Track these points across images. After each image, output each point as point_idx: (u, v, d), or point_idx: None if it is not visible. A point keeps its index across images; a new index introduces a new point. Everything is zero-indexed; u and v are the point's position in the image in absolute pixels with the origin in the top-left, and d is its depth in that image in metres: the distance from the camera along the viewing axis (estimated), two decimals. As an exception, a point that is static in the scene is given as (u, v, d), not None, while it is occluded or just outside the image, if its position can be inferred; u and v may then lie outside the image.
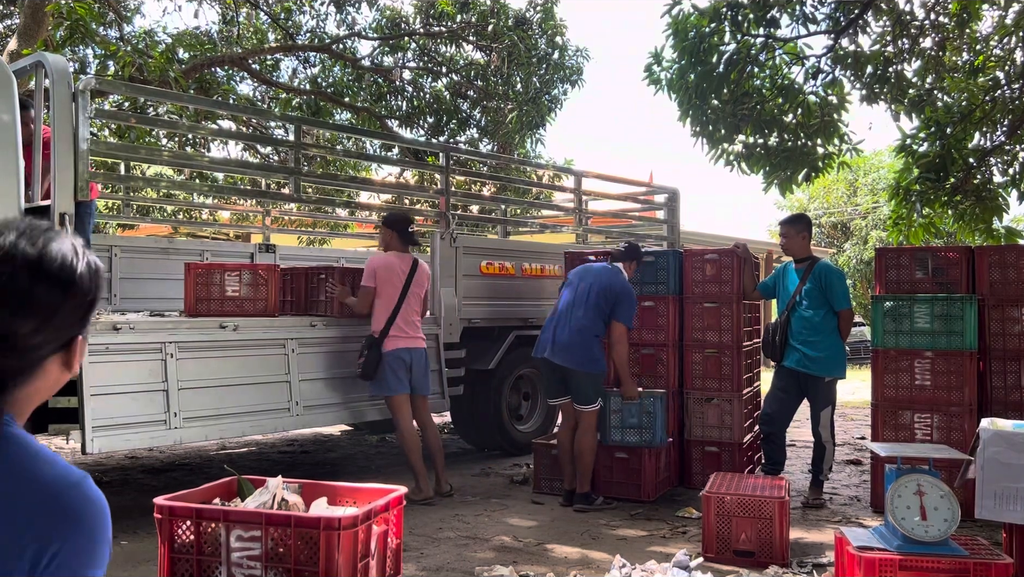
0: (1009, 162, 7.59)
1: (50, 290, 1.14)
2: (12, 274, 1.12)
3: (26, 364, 1.14)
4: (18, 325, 1.11)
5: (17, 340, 1.11)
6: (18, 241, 1.14)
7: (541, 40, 11.73)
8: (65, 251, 1.17)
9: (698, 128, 6.87)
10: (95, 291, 1.21)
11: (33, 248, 1.14)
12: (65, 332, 1.17)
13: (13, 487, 1.06)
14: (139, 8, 12.31)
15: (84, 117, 4.72)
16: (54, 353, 1.17)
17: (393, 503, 2.90)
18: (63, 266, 1.16)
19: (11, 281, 1.11)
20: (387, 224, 5.91)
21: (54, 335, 1.16)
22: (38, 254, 1.14)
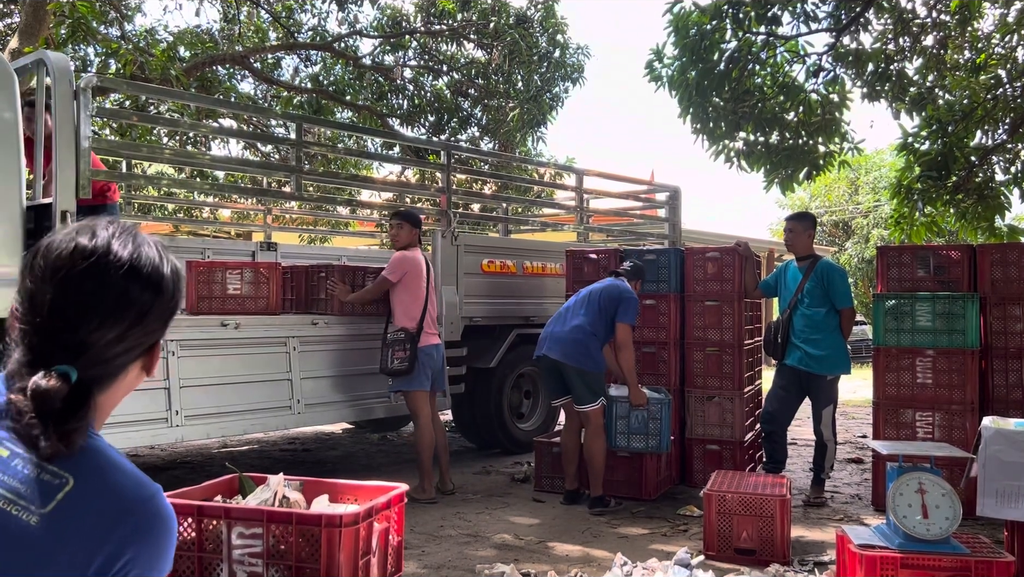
0: (1011, 160, 7.59)
1: (141, 293, 1.12)
2: (109, 280, 1.10)
3: (108, 372, 1.12)
4: (108, 331, 1.09)
5: (106, 346, 1.10)
6: (111, 243, 1.12)
7: (542, 38, 11.73)
8: (154, 254, 1.16)
9: (699, 126, 6.87)
10: (179, 293, 1.20)
11: (126, 251, 1.12)
12: (152, 336, 1.17)
13: (92, 497, 1.06)
14: (140, 6, 12.30)
15: (85, 115, 4.72)
16: (135, 360, 1.16)
17: (394, 501, 2.90)
18: (153, 269, 1.14)
19: (106, 288, 1.09)
20: (410, 221, 5.84)
21: (142, 339, 1.15)
22: (131, 257, 1.12)
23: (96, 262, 1.09)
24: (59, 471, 1.06)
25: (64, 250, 1.10)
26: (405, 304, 5.63)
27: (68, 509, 1.04)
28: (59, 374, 1.06)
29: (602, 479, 5.53)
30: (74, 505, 1.04)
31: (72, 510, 1.04)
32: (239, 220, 10.58)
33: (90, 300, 1.08)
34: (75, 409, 1.07)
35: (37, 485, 1.04)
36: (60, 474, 1.06)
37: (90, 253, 1.10)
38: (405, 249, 5.76)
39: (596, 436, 5.49)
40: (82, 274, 1.09)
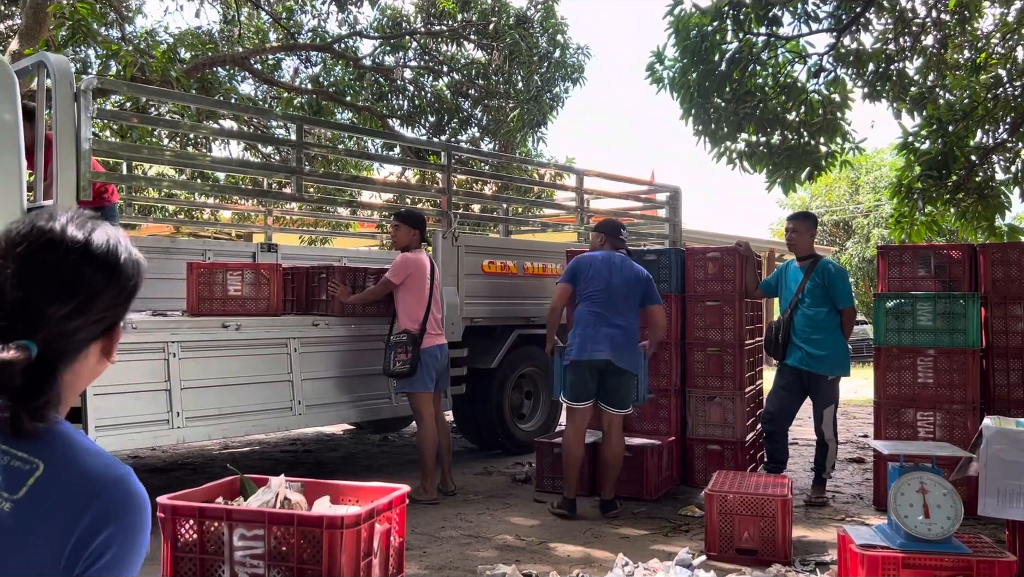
0: (1011, 159, 7.59)
1: (94, 273, 1.18)
2: (62, 256, 1.16)
3: (69, 347, 1.17)
4: (62, 306, 1.14)
5: (61, 321, 1.14)
6: (67, 226, 1.18)
7: (542, 38, 11.73)
8: (110, 238, 1.22)
9: (700, 127, 6.87)
10: (136, 279, 1.25)
11: (81, 233, 1.18)
12: (107, 317, 1.21)
13: (63, 481, 1.09)
14: (140, 8, 12.31)
15: (86, 117, 4.72)
16: (95, 339, 1.21)
17: (396, 502, 2.90)
18: (108, 252, 1.20)
19: (60, 263, 1.15)
20: (410, 222, 5.81)
21: (96, 318, 1.19)
22: (85, 239, 1.18)
23: (50, 241, 1.16)
24: (28, 457, 1.09)
25: (22, 231, 1.17)
26: (408, 306, 5.63)
27: (39, 494, 1.07)
28: (18, 346, 1.09)
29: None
30: (45, 490, 1.07)
31: (44, 495, 1.07)
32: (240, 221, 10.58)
33: (45, 276, 1.14)
34: (40, 382, 1.11)
35: (6, 472, 1.07)
36: (29, 460, 1.09)
37: (45, 233, 1.16)
38: (406, 250, 5.75)
39: (622, 439, 5.49)
40: (38, 252, 1.15)
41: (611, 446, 5.41)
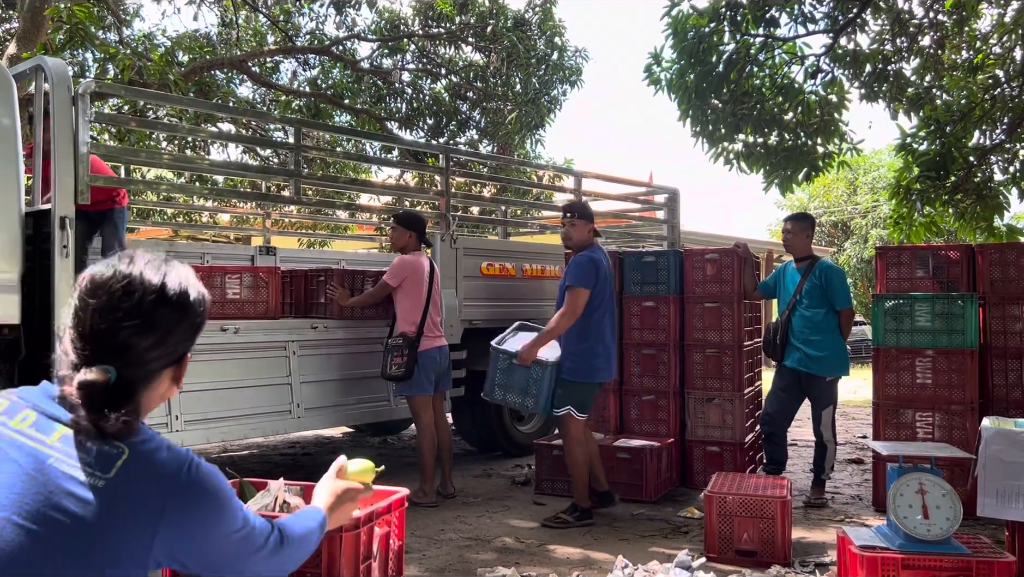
0: (1009, 160, 7.59)
1: (169, 312, 1.41)
2: (140, 298, 1.37)
3: (146, 373, 1.40)
4: (141, 339, 1.37)
5: (140, 352, 1.37)
6: (145, 269, 1.40)
7: (540, 41, 11.75)
8: (182, 280, 1.44)
9: (698, 128, 6.88)
10: (203, 315, 1.48)
11: (156, 277, 1.40)
12: (178, 348, 1.45)
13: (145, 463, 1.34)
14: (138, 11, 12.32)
15: (84, 121, 4.71)
16: (167, 366, 1.44)
17: (395, 505, 2.89)
18: (180, 293, 1.42)
19: (138, 303, 1.37)
20: (407, 225, 5.80)
21: (169, 350, 1.42)
22: (160, 282, 1.40)
23: (129, 284, 1.37)
24: (117, 443, 1.33)
25: (104, 274, 1.39)
26: (405, 309, 5.62)
27: (127, 474, 1.31)
28: (101, 369, 1.33)
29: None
30: (132, 471, 1.32)
31: (131, 475, 1.32)
32: (238, 224, 10.57)
33: (126, 314, 1.36)
34: (120, 398, 1.34)
35: (100, 456, 1.31)
36: (118, 446, 1.33)
37: (125, 277, 1.38)
38: (404, 252, 5.75)
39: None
40: (120, 293, 1.37)
41: (593, 445, 5.47)
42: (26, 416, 1.36)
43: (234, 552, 1.44)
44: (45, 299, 4.50)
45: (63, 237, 4.47)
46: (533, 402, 5.20)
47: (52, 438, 1.32)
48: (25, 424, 1.35)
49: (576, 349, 5.12)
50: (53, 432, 1.33)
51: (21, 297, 4.47)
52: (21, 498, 1.26)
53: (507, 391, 5.26)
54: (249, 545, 1.47)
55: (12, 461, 1.30)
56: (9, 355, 4.47)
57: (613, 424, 6.40)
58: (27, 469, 1.29)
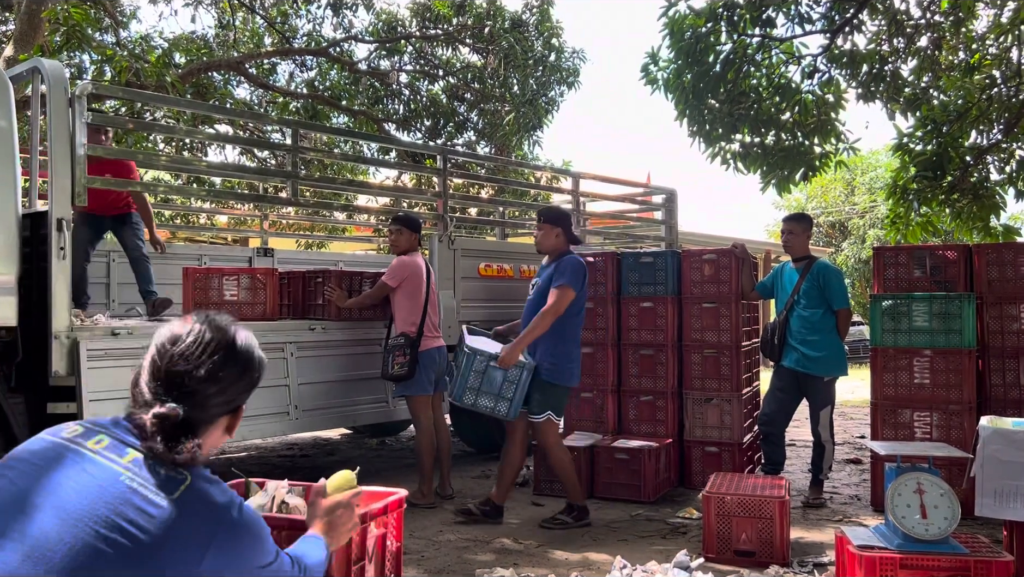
0: (1006, 160, 7.60)
1: (233, 367, 1.65)
2: (212, 352, 1.62)
3: (208, 417, 1.62)
4: (207, 387, 1.60)
5: (204, 397, 1.60)
6: (216, 331, 1.65)
7: (537, 42, 11.75)
8: (248, 342, 1.71)
9: (695, 128, 6.88)
10: (261, 373, 1.74)
11: (227, 336, 1.66)
12: (236, 399, 1.69)
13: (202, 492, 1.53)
14: (135, 13, 12.30)
15: (81, 122, 4.71)
16: (225, 414, 1.67)
17: (392, 506, 2.89)
18: (244, 351, 1.69)
19: (211, 356, 1.61)
20: (408, 226, 5.82)
21: (229, 399, 1.66)
22: (230, 340, 1.66)
23: (204, 337, 1.63)
24: (181, 470, 1.53)
25: (184, 328, 1.65)
26: (405, 309, 5.62)
27: (188, 498, 1.50)
28: (172, 406, 1.55)
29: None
30: (192, 496, 1.51)
31: (191, 500, 1.50)
32: (236, 226, 10.56)
33: (197, 364, 1.59)
34: (186, 431, 1.55)
35: (166, 479, 1.50)
36: (181, 472, 1.53)
37: (201, 332, 1.64)
38: (405, 254, 5.75)
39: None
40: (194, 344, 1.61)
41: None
42: (100, 440, 1.55)
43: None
44: (42, 301, 4.49)
45: (60, 239, 4.46)
46: (506, 407, 4.97)
47: (125, 459, 1.51)
48: (100, 446, 1.53)
49: (558, 351, 5.07)
50: (126, 455, 1.52)
51: (18, 299, 4.46)
52: (94, 505, 1.43)
53: (479, 395, 5.00)
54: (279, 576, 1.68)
55: (89, 475, 1.48)
56: (6, 357, 4.46)
57: (611, 425, 6.40)
58: (101, 482, 1.46)
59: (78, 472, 1.48)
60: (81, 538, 1.40)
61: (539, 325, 4.97)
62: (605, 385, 6.43)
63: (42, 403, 4.52)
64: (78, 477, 1.47)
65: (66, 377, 4.47)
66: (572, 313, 5.08)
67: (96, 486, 1.45)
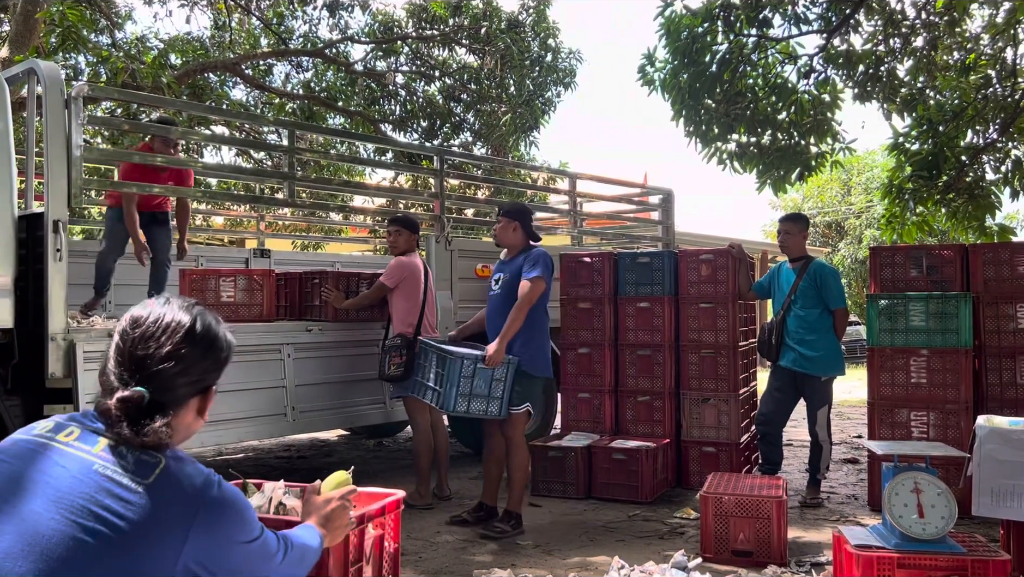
0: (1001, 160, 7.61)
1: (194, 348, 1.63)
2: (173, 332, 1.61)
3: (175, 398, 1.61)
4: (170, 368, 1.59)
5: (168, 379, 1.59)
6: (176, 312, 1.65)
7: (534, 43, 11.75)
8: (209, 322, 1.69)
9: (692, 128, 6.89)
10: (227, 353, 1.73)
11: (187, 317, 1.65)
12: (203, 380, 1.67)
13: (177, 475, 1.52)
14: (131, 14, 12.29)
15: (77, 124, 4.70)
16: (193, 395, 1.66)
17: (390, 507, 2.88)
18: (207, 331, 1.67)
19: (171, 337, 1.61)
20: (407, 226, 5.83)
21: (194, 379, 1.64)
22: (191, 320, 1.65)
23: (163, 318, 1.63)
24: (154, 454, 1.52)
25: (144, 311, 1.64)
26: (402, 310, 5.62)
27: (164, 482, 1.49)
28: (136, 389, 1.55)
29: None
30: (167, 480, 1.50)
31: (166, 483, 1.49)
32: (232, 227, 10.54)
33: (159, 344, 1.59)
34: (153, 415, 1.54)
35: (139, 464, 1.50)
36: (155, 456, 1.52)
37: (161, 314, 1.64)
38: (404, 255, 5.75)
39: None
40: (154, 326, 1.61)
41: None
42: (71, 431, 1.55)
43: (254, 558, 1.63)
44: (38, 303, 4.48)
45: (56, 241, 4.46)
46: (496, 406, 4.91)
47: (97, 448, 1.51)
48: (71, 437, 1.54)
49: (535, 343, 5.03)
50: (97, 444, 1.52)
51: (14, 301, 4.45)
52: (70, 498, 1.43)
53: (471, 400, 4.90)
54: (266, 552, 1.67)
55: (61, 467, 1.48)
56: (2, 359, 4.45)
57: (609, 425, 6.40)
58: (74, 473, 1.47)
59: (51, 466, 1.48)
60: (60, 532, 1.40)
61: (517, 317, 4.89)
62: (602, 385, 6.43)
63: (39, 405, 4.51)
64: (52, 471, 1.47)
65: (63, 379, 4.46)
66: (542, 305, 5.06)
67: (70, 478, 1.46)
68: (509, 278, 5.05)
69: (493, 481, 5.20)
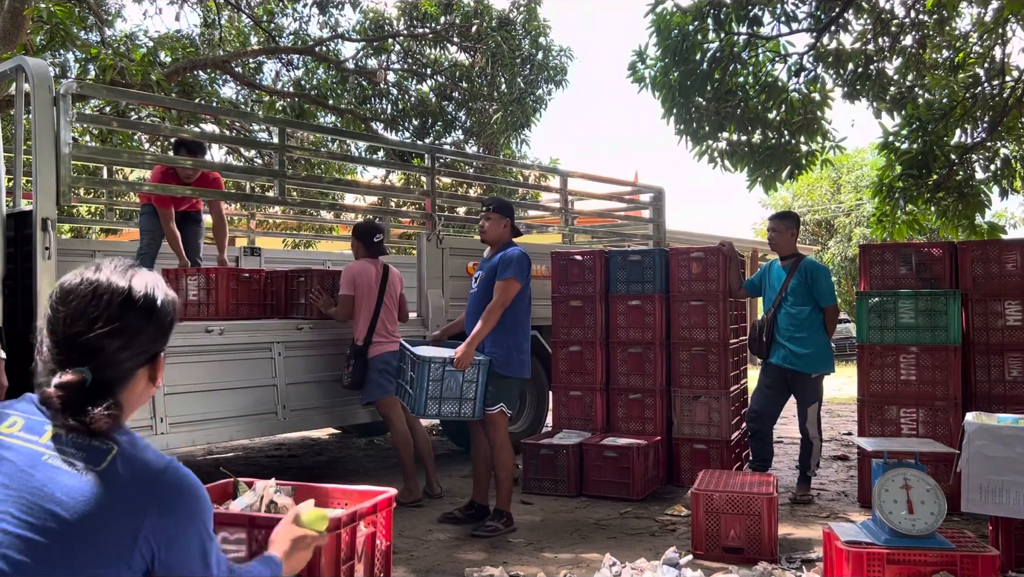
0: (990, 158, 7.66)
1: (136, 315, 1.48)
2: (108, 302, 1.46)
3: (121, 373, 1.48)
4: (111, 341, 1.45)
5: (111, 353, 1.45)
6: (111, 276, 1.49)
7: (525, 40, 11.75)
8: (148, 283, 1.52)
9: (682, 126, 6.90)
10: (172, 316, 1.56)
11: (123, 281, 1.49)
12: (149, 348, 1.52)
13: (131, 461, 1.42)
14: (120, 12, 12.22)
15: (66, 121, 4.68)
16: (141, 366, 1.52)
17: (381, 505, 2.88)
18: (146, 295, 1.50)
19: (106, 307, 1.45)
20: (354, 234, 5.93)
21: (140, 350, 1.50)
22: (127, 286, 1.48)
23: (97, 289, 1.46)
24: (106, 442, 1.41)
25: (73, 282, 1.48)
26: (357, 316, 5.64)
27: (116, 469, 1.39)
28: (76, 371, 1.42)
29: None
30: (120, 467, 1.40)
31: (119, 470, 1.39)
32: (222, 225, 10.49)
33: (94, 319, 1.43)
34: (99, 397, 1.42)
35: (90, 451, 1.40)
36: (106, 442, 1.41)
37: (92, 283, 1.47)
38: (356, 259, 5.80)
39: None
40: (87, 299, 1.45)
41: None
42: (14, 422, 1.44)
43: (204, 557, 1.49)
44: (27, 302, 4.45)
45: (45, 239, 4.43)
46: (470, 407, 4.87)
47: (44, 438, 1.41)
48: (15, 428, 1.43)
49: (509, 343, 4.98)
50: (44, 433, 1.41)
51: (2, 300, 4.42)
52: (19, 493, 1.34)
53: (442, 403, 4.85)
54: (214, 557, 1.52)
55: (7, 461, 1.38)
56: (-10, 358, 4.41)
57: (600, 423, 6.41)
58: (22, 467, 1.37)
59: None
60: (9, 532, 1.32)
61: (489, 320, 4.87)
62: (593, 383, 6.44)
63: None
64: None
65: (51, 378, 4.43)
66: (520, 305, 5.01)
67: (17, 472, 1.37)
68: (486, 277, 5.04)
69: (482, 480, 5.20)
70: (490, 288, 4.95)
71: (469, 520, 5.11)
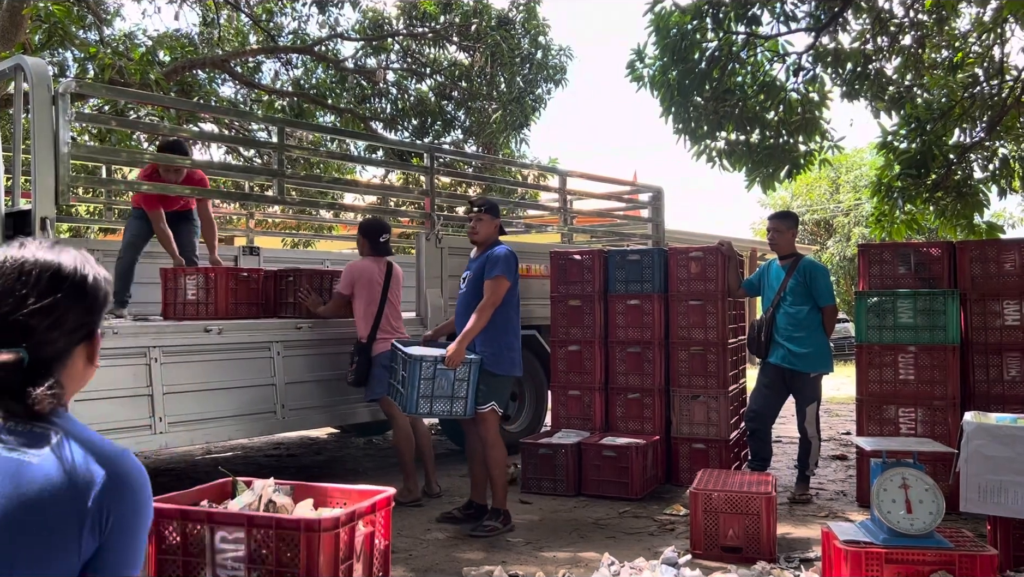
0: (989, 158, 7.66)
1: (65, 292, 1.40)
2: (36, 279, 1.38)
3: (56, 352, 1.40)
4: (41, 320, 1.37)
5: (43, 332, 1.37)
6: (37, 252, 1.42)
7: (524, 40, 11.75)
8: (76, 260, 1.45)
9: (681, 125, 6.90)
10: (105, 292, 1.48)
11: (50, 257, 1.42)
12: (83, 326, 1.44)
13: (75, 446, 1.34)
14: (119, 11, 12.22)
15: (64, 120, 4.68)
16: (76, 345, 1.43)
17: (380, 504, 2.88)
18: (74, 272, 1.43)
19: (36, 284, 1.38)
20: (360, 231, 5.91)
21: (72, 327, 1.41)
22: (57, 261, 1.41)
23: (23, 267, 1.39)
24: (47, 426, 1.35)
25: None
26: (359, 314, 5.63)
27: (59, 454, 1.32)
28: (11, 351, 1.34)
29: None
30: (63, 452, 1.33)
31: (63, 456, 1.32)
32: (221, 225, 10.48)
33: (23, 296, 1.36)
34: (37, 378, 1.35)
35: (29, 436, 1.33)
36: (48, 427, 1.35)
37: (18, 260, 1.39)
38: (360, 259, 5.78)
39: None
40: (14, 276, 1.38)
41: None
42: None
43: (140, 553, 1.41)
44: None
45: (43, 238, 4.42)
46: (461, 406, 4.89)
47: None
48: None
49: (499, 342, 4.98)
50: None
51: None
52: None
53: (433, 401, 4.87)
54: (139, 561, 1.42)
55: None
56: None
57: (598, 422, 6.41)
58: None
59: None
60: None
61: (479, 320, 4.88)
62: (592, 382, 6.44)
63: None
64: None
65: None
66: (510, 303, 5.02)
67: None
68: (474, 276, 5.06)
69: (479, 479, 5.21)
70: (478, 287, 4.97)
71: (468, 520, 5.12)
